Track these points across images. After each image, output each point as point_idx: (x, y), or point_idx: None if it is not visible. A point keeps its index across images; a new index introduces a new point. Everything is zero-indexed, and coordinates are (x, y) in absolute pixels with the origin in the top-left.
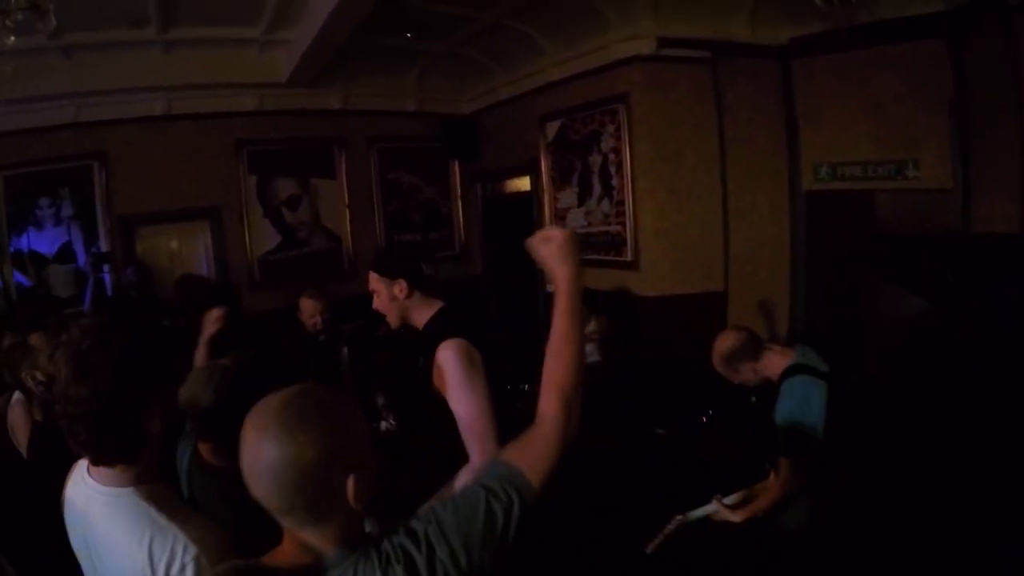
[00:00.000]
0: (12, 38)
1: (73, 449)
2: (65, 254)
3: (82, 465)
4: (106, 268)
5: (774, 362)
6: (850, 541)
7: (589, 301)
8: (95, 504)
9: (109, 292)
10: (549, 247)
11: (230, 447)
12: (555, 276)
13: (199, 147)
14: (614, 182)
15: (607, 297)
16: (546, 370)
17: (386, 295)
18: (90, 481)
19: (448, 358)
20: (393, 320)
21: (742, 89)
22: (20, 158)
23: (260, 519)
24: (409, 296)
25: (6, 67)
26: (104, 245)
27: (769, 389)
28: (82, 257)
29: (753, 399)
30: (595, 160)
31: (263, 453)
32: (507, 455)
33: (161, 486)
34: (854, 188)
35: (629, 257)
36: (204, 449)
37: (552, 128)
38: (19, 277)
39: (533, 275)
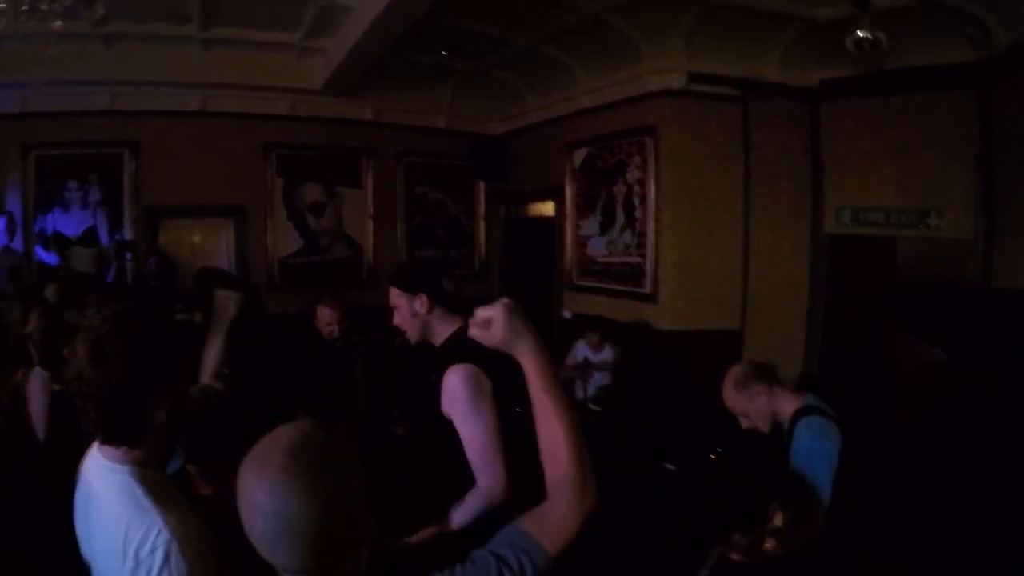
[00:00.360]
0: (59, 22)
1: (83, 426)
2: (89, 237)
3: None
4: (128, 256)
5: (786, 401)
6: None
7: (605, 330)
8: (96, 478)
9: (130, 279)
10: (494, 329)
11: (217, 475)
12: (518, 354)
13: (230, 146)
14: (637, 213)
15: (623, 328)
16: (547, 451)
17: (407, 310)
18: (98, 455)
19: (455, 383)
20: (413, 335)
21: (770, 129)
22: (53, 139)
23: (238, 552)
24: (429, 312)
25: (52, 50)
26: (129, 233)
27: (777, 432)
28: (106, 241)
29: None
30: (620, 190)
31: (270, 510)
32: (524, 524)
33: (160, 473)
34: (876, 234)
35: (647, 289)
36: (192, 470)
37: (579, 155)
38: (42, 254)
39: (551, 298)
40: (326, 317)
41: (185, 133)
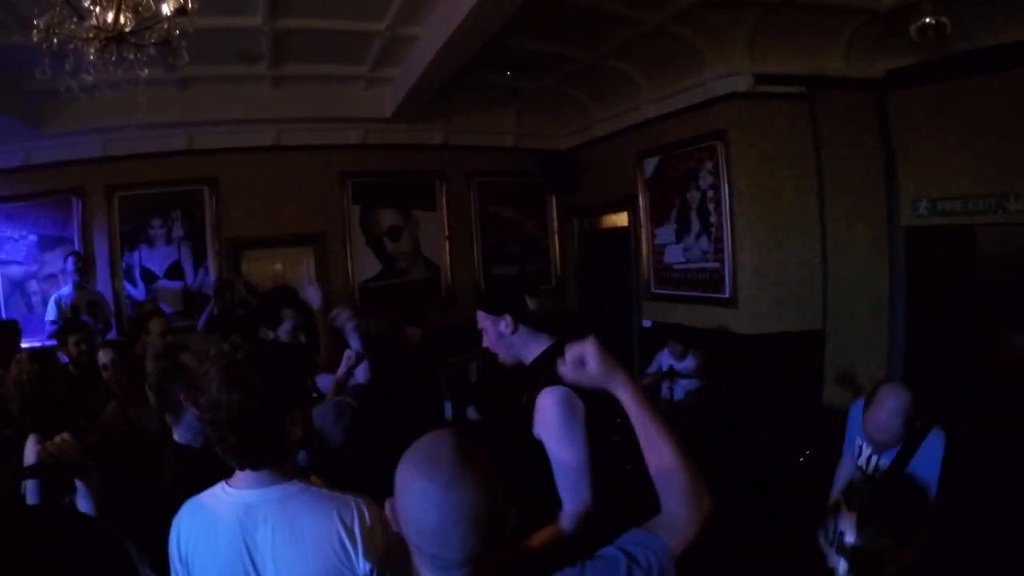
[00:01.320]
0: (146, 71)
1: (221, 455)
2: (174, 272)
3: (214, 490)
4: (227, 295)
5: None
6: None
7: (686, 337)
8: (263, 507)
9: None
10: (589, 368)
11: (346, 486)
12: (614, 387)
13: (305, 177)
14: (712, 219)
15: (702, 334)
16: (658, 475)
17: (493, 332)
18: (240, 490)
19: (548, 407)
20: (504, 357)
21: (838, 124)
22: (135, 180)
23: None
24: (515, 331)
25: (142, 98)
26: (212, 267)
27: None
28: (190, 276)
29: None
30: (693, 197)
31: (450, 502)
32: (650, 527)
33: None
34: (954, 223)
35: (727, 294)
36: (316, 480)
37: (650, 165)
38: (130, 290)
39: (628, 309)
40: (415, 337)
41: (261, 167)
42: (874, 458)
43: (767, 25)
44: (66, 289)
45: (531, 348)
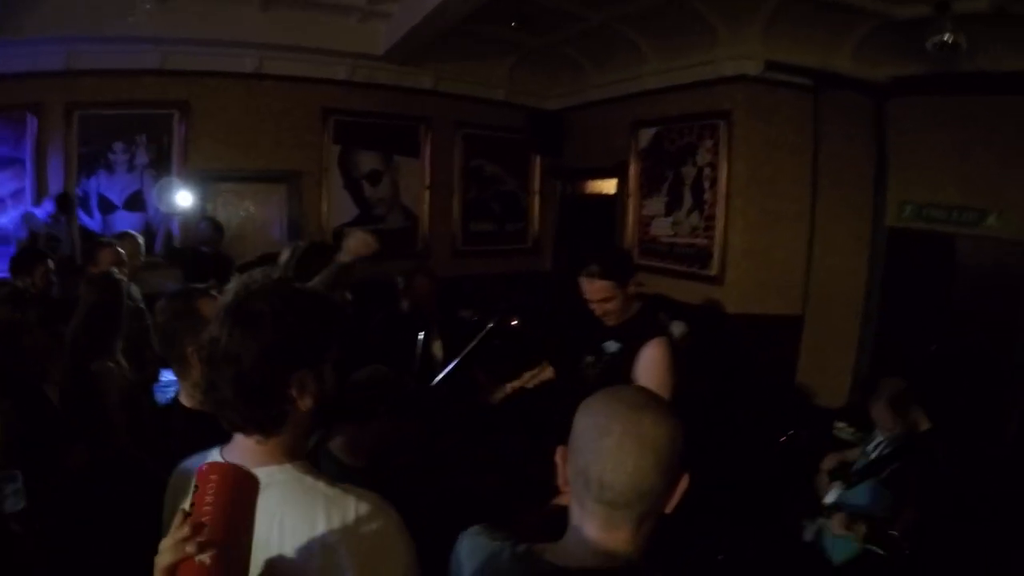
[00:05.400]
0: None
1: (210, 406)
2: (135, 202)
3: (210, 455)
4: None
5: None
6: None
7: (673, 310)
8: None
9: (178, 243)
10: None
11: (365, 446)
12: None
13: (285, 110)
14: (706, 196)
15: (684, 308)
16: None
17: (622, 297)
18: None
19: (659, 354)
20: (616, 317)
21: (838, 121)
22: (99, 98)
23: None
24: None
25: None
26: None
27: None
28: (152, 208)
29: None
30: (688, 172)
31: (661, 441)
32: None
33: (310, 463)
34: (936, 230)
35: (714, 272)
36: (338, 446)
37: (645, 135)
38: (85, 219)
39: None
40: (425, 288)
41: (238, 95)
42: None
43: (785, 13)
44: (40, 212)
45: (633, 306)
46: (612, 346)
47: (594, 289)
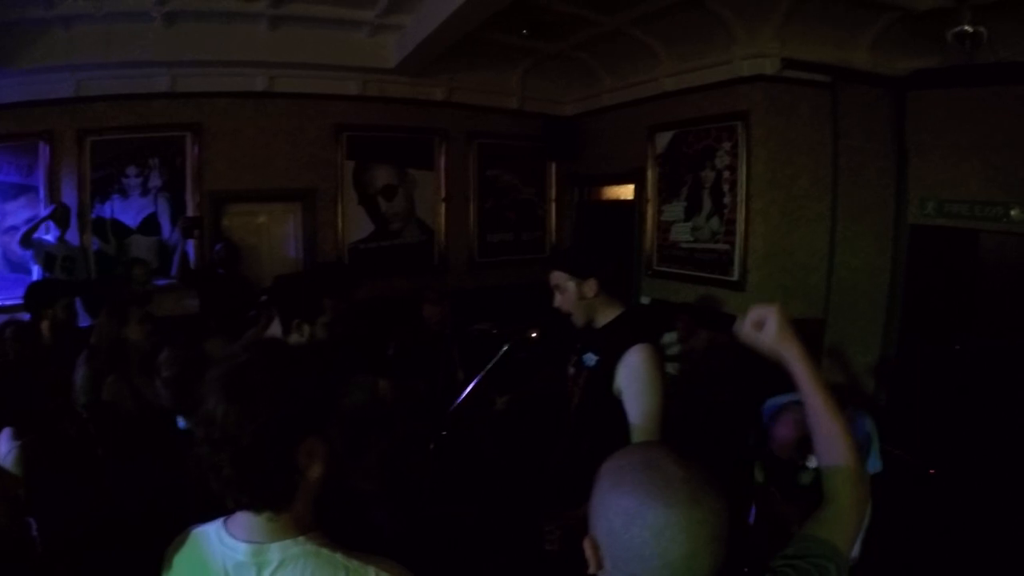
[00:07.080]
0: None
1: (214, 487)
2: (149, 225)
3: (211, 528)
4: (196, 233)
5: None
6: None
7: (697, 318)
8: (255, 571)
9: (193, 265)
10: (767, 331)
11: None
12: (788, 358)
13: (297, 127)
14: (726, 200)
15: (706, 315)
16: (826, 451)
17: (574, 293)
18: (235, 540)
19: (640, 360)
20: (578, 319)
21: (857, 116)
22: (110, 124)
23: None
24: (597, 295)
25: None
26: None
27: None
28: (167, 230)
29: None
30: (707, 176)
31: (699, 517)
32: (814, 530)
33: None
34: (959, 226)
35: (735, 277)
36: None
37: (663, 139)
38: (99, 245)
39: (628, 283)
40: (435, 314)
41: (250, 115)
42: None
43: (800, 10)
44: (50, 237)
45: (606, 313)
46: (591, 359)
47: (550, 278)
